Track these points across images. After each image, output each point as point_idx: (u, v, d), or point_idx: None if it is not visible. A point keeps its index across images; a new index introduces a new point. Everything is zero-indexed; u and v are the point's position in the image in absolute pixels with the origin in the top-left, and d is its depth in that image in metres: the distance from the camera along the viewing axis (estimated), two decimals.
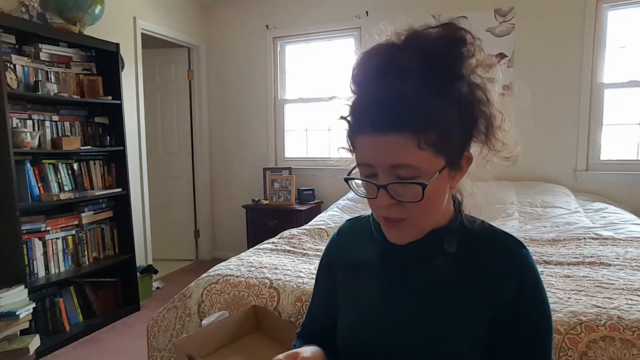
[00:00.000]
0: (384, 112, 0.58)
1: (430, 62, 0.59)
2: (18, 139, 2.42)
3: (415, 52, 0.59)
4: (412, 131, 0.57)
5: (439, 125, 0.58)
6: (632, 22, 3.06)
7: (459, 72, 0.61)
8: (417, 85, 0.57)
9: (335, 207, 3.08)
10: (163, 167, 4.34)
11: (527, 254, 0.66)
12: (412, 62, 0.59)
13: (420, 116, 0.57)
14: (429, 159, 0.59)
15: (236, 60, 4.22)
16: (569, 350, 1.15)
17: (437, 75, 0.59)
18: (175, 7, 3.93)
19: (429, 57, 0.59)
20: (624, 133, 3.13)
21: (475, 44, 0.62)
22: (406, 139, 0.57)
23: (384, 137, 0.58)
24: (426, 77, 0.58)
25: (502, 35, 3.25)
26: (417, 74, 0.58)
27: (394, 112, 0.57)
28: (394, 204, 0.62)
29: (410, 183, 0.59)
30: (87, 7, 2.75)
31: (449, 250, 0.67)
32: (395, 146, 0.58)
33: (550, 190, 2.91)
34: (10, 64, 2.47)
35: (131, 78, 3.45)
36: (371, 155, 0.60)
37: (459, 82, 0.61)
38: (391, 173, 0.60)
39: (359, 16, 3.68)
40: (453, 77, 0.60)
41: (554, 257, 1.82)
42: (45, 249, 2.65)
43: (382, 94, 0.59)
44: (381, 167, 0.60)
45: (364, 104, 0.61)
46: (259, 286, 1.58)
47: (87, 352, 2.53)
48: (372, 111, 0.59)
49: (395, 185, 0.60)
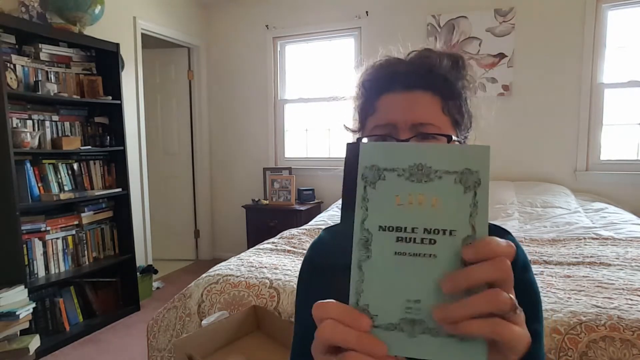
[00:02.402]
0: (415, 72, 0.63)
1: (451, 61, 0.65)
2: (18, 139, 2.42)
3: (434, 52, 0.66)
4: (440, 94, 0.62)
5: (458, 100, 0.64)
6: (632, 22, 3.06)
7: (466, 79, 0.67)
8: (444, 64, 0.64)
9: (335, 207, 3.08)
10: (163, 167, 4.34)
11: (513, 239, 0.67)
12: (434, 57, 0.65)
13: (447, 84, 0.63)
14: (448, 125, 0.62)
15: (236, 60, 4.22)
16: (569, 350, 1.15)
17: (457, 69, 0.65)
18: (175, 7, 3.93)
19: (449, 58, 0.65)
20: (624, 133, 3.13)
21: (469, 72, 0.68)
22: (434, 99, 0.62)
23: (413, 94, 0.62)
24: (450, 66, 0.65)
25: (502, 35, 3.25)
26: (442, 59, 0.64)
27: (424, 73, 0.63)
28: None
29: (436, 135, 0.61)
30: (87, 7, 2.75)
31: None
32: (424, 103, 0.61)
33: (550, 190, 2.91)
34: (10, 64, 2.47)
35: (131, 78, 3.45)
36: (396, 112, 0.62)
37: (467, 85, 0.67)
38: (412, 132, 0.61)
39: (359, 16, 3.68)
40: (464, 78, 0.66)
41: (554, 257, 1.82)
42: (45, 249, 2.65)
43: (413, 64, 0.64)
44: (404, 125, 0.61)
45: (395, 69, 0.65)
46: (259, 286, 1.58)
47: (87, 352, 2.53)
48: (404, 73, 0.63)
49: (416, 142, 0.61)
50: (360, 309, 0.35)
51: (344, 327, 0.34)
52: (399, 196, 0.35)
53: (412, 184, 0.35)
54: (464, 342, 0.33)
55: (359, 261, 0.35)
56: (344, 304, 0.35)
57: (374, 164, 0.35)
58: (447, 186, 0.34)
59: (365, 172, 0.35)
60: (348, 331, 0.34)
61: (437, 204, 0.34)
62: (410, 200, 0.35)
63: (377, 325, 0.35)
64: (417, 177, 0.35)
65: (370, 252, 0.35)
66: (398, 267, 0.35)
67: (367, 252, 0.35)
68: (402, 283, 0.35)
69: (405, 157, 0.35)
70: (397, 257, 0.35)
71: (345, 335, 0.34)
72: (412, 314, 0.34)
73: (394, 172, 0.35)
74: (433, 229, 0.34)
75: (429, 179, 0.34)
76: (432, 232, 0.34)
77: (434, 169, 0.34)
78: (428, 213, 0.34)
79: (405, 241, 0.34)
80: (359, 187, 0.36)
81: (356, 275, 0.35)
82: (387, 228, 0.35)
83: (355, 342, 0.34)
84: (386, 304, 0.35)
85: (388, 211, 0.35)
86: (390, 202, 0.35)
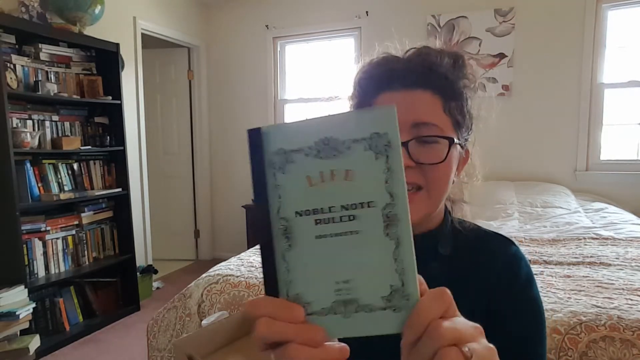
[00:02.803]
0: (416, 72, 0.60)
1: (452, 59, 0.63)
2: (18, 139, 2.42)
3: (433, 50, 0.64)
4: (441, 93, 0.60)
5: (460, 100, 0.62)
6: (632, 22, 3.06)
7: (466, 78, 0.65)
8: (444, 63, 0.62)
9: None
10: (163, 167, 4.34)
11: (517, 250, 0.66)
12: (433, 55, 0.63)
13: (448, 83, 0.61)
14: (449, 126, 0.60)
15: (236, 60, 4.22)
16: (569, 350, 1.15)
17: (457, 68, 0.64)
18: (175, 7, 3.92)
19: (449, 56, 0.63)
20: (624, 133, 3.13)
21: (469, 71, 0.66)
22: (435, 98, 0.60)
23: (413, 93, 0.59)
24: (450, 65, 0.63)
25: (502, 35, 3.25)
26: (443, 58, 0.63)
27: (426, 71, 0.60)
28: (413, 166, 0.59)
29: (437, 138, 0.58)
30: (87, 7, 2.75)
31: (443, 253, 0.66)
32: (424, 102, 0.59)
33: (550, 190, 2.91)
34: (10, 64, 2.46)
35: (131, 78, 3.45)
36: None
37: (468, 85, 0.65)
38: (412, 133, 0.58)
39: (359, 16, 3.68)
40: (464, 78, 0.65)
41: (554, 257, 1.82)
42: (45, 249, 2.65)
43: (412, 62, 0.62)
44: (403, 126, 0.58)
45: (394, 66, 0.63)
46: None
47: (87, 352, 2.53)
48: (403, 70, 0.61)
49: (415, 144, 0.58)
50: (292, 299, 0.35)
51: (279, 322, 0.34)
52: (310, 177, 0.33)
53: (321, 161, 0.33)
54: (400, 311, 0.33)
55: (281, 252, 0.34)
56: (275, 297, 0.35)
57: (279, 147, 0.33)
58: (357, 156, 0.32)
59: (272, 158, 0.34)
60: (283, 325, 0.34)
61: (351, 177, 0.33)
62: (322, 178, 0.33)
63: (311, 312, 0.35)
64: (325, 153, 0.33)
65: (291, 241, 0.34)
66: (322, 250, 0.34)
67: (288, 242, 0.34)
68: (329, 266, 0.34)
69: (309, 134, 0.33)
70: (320, 241, 0.34)
71: (281, 329, 0.34)
72: (343, 294, 0.34)
73: (301, 153, 0.33)
74: (350, 204, 0.33)
75: (338, 152, 0.33)
76: (350, 207, 0.33)
77: (341, 140, 0.33)
78: (343, 188, 0.33)
79: (325, 222, 0.33)
80: (268, 176, 0.34)
81: (281, 266, 0.35)
82: (304, 212, 0.34)
83: (292, 334, 0.34)
84: (316, 290, 0.34)
85: (302, 195, 0.33)
86: (303, 184, 0.33)
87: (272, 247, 0.34)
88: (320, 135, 0.33)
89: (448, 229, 0.68)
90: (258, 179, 0.34)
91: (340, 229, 0.33)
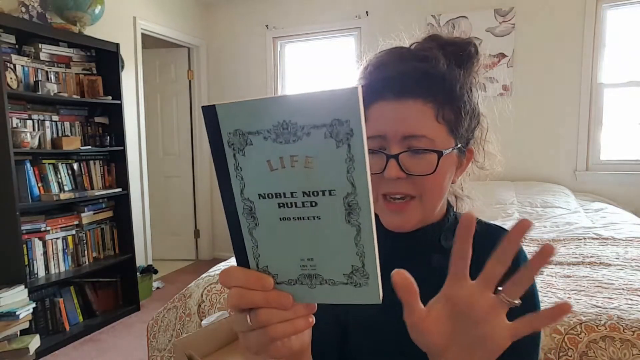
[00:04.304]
0: (407, 79, 0.59)
1: (450, 51, 0.62)
2: (18, 139, 2.42)
3: (433, 44, 0.63)
4: (434, 101, 0.59)
5: (457, 103, 0.60)
6: (632, 22, 3.06)
7: (472, 71, 0.64)
8: (441, 64, 0.60)
9: None
10: (163, 167, 4.34)
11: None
12: (431, 50, 0.62)
13: (443, 88, 0.59)
14: (443, 134, 0.60)
15: (236, 60, 4.22)
16: (569, 350, 1.15)
17: (458, 63, 0.62)
18: (175, 7, 3.92)
19: (452, 47, 0.62)
20: (624, 133, 3.13)
21: (481, 60, 0.65)
22: (426, 108, 0.59)
23: (404, 103, 0.59)
24: (449, 62, 0.61)
25: (502, 35, 3.25)
26: (440, 57, 0.61)
27: (417, 80, 0.59)
28: (404, 177, 0.60)
29: (426, 151, 0.59)
30: (87, 7, 2.75)
31: (446, 246, 0.67)
32: (415, 113, 0.58)
33: (550, 190, 2.91)
34: (10, 64, 2.46)
35: (131, 78, 3.45)
36: (387, 123, 0.60)
37: (473, 79, 0.64)
38: (403, 145, 0.59)
39: (359, 16, 3.68)
40: (469, 73, 0.63)
41: (554, 257, 1.82)
42: (45, 249, 2.65)
43: (405, 64, 0.61)
44: (394, 138, 0.59)
45: (386, 74, 0.62)
46: None
47: (87, 352, 2.53)
48: (395, 78, 0.60)
49: (406, 156, 0.59)
50: (261, 271, 0.37)
51: (249, 290, 0.37)
52: (271, 161, 0.32)
53: (280, 146, 0.32)
54: (360, 287, 0.35)
55: (248, 229, 0.35)
56: (245, 268, 0.37)
57: (236, 128, 0.32)
58: (317, 143, 0.31)
59: (230, 138, 0.33)
60: (254, 293, 0.37)
61: (311, 164, 0.32)
62: (282, 164, 0.32)
63: (279, 282, 0.37)
64: (284, 138, 0.31)
65: (257, 220, 0.35)
66: (286, 231, 0.34)
67: (254, 220, 0.35)
68: (293, 245, 0.35)
69: (267, 116, 0.31)
70: (283, 223, 0.34)
71: (251, 297, 0.37)
72: (308, 270, 0.36)
73: (259, 135, 0.32)
74: (312, 191, 0.32)
75: (297, 138, 0.31)
76: (312, 194, 0.33)
77: (300, 124, 0.31)
78: (303, 175, 0.32)
79: (287, 206, 0.34)
80: (228, 156, 0.33)
81: (250, 242, 0.36)
82: (267, 195, 0.34)
83: (262, 301, 0.37)
84: (283, 264, 0.36)
85: (263, 178, 0.33)
86: (263, 168, 0.33)
87: (239, 224, 0.36)
88: (278, 118, 0.31)
89: (450, 222, 0.69)
90: (218, 158, 0.34)
91: (302, 213, 0.34)
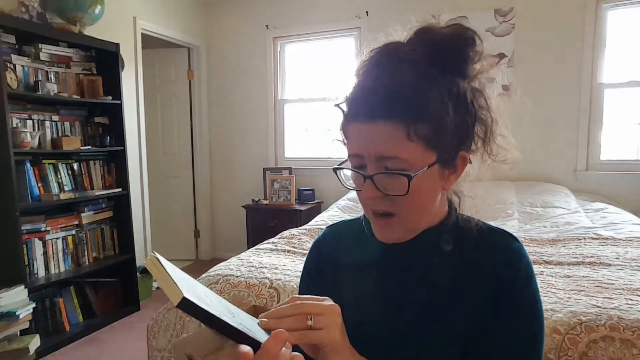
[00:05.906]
0: (376, 100, 0.57)
1: (434, 53, 0.59)
2: (18, 139, 2.42)
3: (421, 44, 0.60)
4: (403, 121, 0.56)
5: (432, 117, 0.57)
6: (632, 22, 3.06)
7: (463, 71, 0.61)
8: (414, 75, 0.57)
9: (335, 207, 3.08)
10: (163, 167, 4.34)
11: (521, 247, 0.66)
12: (414, 53, 0.59)
13: (413, 106, 0.56)
14: (418, 152, 0.58)
15: (236, 60, 4.22)
16: (569, 350, 1.15)
17: (440, 66, 0.59)
18: (175, 7, 3.93)
19: (435, 48, 0.59)
20: (624, 133, 3.13)
21: (482, 50, 0.62)
22: (396, 128, 0.57)
23: (374, 126, 0.58)
24: (425, 68, 0.58)
25: (502, 35, 3.25)
26: (416, 64, 0.58)
27: (385, 100, 0.57)
28: (380, 196, 0.61)
29: (394, 174, 0.58)
30: (87, 7, 2.75)
31: (445, 249, 0.66)
32: (384, 135, 0.57)
33: (550, 190, 2.91)
34: (10, 64, 2.46)
35: (131, 78, 3.45)
36: (360, 144, 0.60)
37: (461, 80, 0.61)
38: (379, 165, 0.59)
39: (359, 16, 3.68)
40: (456, 74, 0.60)
41: (554, 257, 1.82)
42: (45, 249, 2.65)
43: (377, 82, 0.59)
44: (369, 158, 0.60)
45: (359, 93, 0.61)
46: (259, 286, 1.58)
47: (87, 352, 2.53)
48: (365, 98, 0.59)
49: (382, 176, 0.59)
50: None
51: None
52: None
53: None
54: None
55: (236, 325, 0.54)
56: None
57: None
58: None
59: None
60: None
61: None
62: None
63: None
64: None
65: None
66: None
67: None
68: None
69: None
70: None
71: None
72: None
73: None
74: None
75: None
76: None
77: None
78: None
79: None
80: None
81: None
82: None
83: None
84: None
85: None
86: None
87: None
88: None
89: (451, 225, 0.68)
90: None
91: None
